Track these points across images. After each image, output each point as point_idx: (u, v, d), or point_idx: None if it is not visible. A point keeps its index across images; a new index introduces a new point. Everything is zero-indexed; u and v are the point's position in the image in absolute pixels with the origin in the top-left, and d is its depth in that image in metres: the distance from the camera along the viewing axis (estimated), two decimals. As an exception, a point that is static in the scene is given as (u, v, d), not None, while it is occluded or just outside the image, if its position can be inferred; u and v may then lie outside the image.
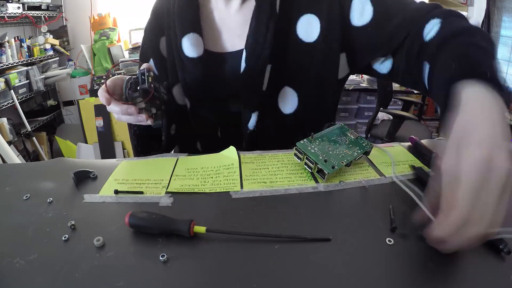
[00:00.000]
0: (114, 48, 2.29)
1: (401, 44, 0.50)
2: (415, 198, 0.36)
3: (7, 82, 1.83)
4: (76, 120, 2.32)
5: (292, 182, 0.40)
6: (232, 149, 0.47)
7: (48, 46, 2.26)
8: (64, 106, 2.39)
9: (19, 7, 1.97)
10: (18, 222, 0.33)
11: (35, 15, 2.15)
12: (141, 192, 0.38)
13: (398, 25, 0.49)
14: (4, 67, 1.89)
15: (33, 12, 2.11)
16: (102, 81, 2.09)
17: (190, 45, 0.54)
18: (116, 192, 0.38)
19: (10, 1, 1.90)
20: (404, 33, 0.49)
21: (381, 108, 1.98)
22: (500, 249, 0.29)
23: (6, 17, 1.94)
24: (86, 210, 0.35)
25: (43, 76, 2.18)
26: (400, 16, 0.49)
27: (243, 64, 0.53)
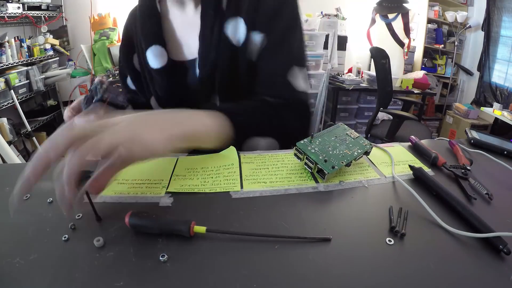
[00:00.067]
0: (114, 48, 2.30)
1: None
2: (416, 198, 0.36)
3: (7, 82, 1.83)
4: (76, 120, 2.32)
5: (292, 182, 0.40)
6: (232, 149, 0.47)
7: (48, 46, 2.27)
8: (64, 106, 2.39)
9: (19, 7, 1.98)
10: (18, 222, 0.33)
11: (35, 15, 2.15)
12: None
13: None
14: (4, 67, 1.89)
15: (33, 12, 2.12)
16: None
17: (153, 57, 0.56)
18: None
19: (10, 1, 1.91)
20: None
21: (381, 108, 1.98)
22: (500, 249, 0.29)
23: (6, 17, 1.94)
24: (86, 210, 0.35)
25: (43, 76, 2.18)
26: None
27: (197, 71, 0.55)
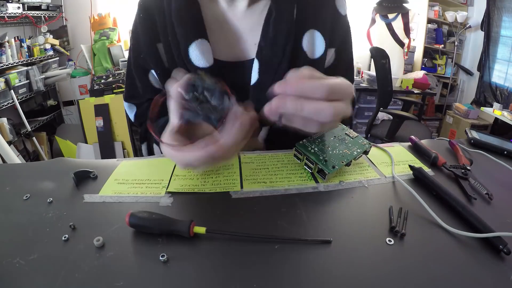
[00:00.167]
0: (114, 48, 2.30)
1: None
2: (416, 198, 0.36)
3: (7, 82, 1.83)
4: (76, 120, 2.32)
5: (292, 182, 0.40)
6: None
7: (48, 46, 2.27)
8: (64, 106, 2.39)
9: (19, 7, 1.98)
10: (18, 222, 0.33)
11: (35, 15, 2.15)
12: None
13: None
14: (4, 67, 1.89)
15: (33, 12, 2.11)
16: (102, 81, 2.09)
17: (199, 54, 0.48)
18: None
19: (10, 1, 1.91)
20: None
21: (381, 108, 1.98)
22: (500, 249, 0.29)
23: (6, 17, 1.94)
24: (86, 210, 0.35)
25: (43, 76, 2.18)
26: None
27: (255, 76, 0.48)
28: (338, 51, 0.56)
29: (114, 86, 2.06)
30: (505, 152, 0.51)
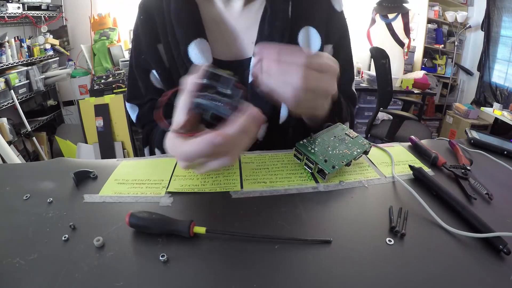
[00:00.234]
0: (114, 48, 2.30)
1: None
2: (416, 198, 0.36)
3: (7, 82, 1.83)
4: (76, 120, 2.32)
5: (292, 182, 0.40)
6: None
7: (48, 46, 2.27)
8: (64, 106, 2.39)
9: (19, 7, 1.98)
10: (18, 222, 0.33)
11: (35, 15, 2.15)
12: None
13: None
14: (4, 67, 1.89)
15: (33, 12, 2.11)
16: (102, 81, 2.09)
17: (199, 52, 0.48)
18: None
19: (10, 1, 1.90)
20: None
21: (381, 108, 1.98)
22: (500, 249, 0.29)
23: (6, 17, 1.94)
24: (86, 210, 0.35)
25: (43, 76, 2.18)
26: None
27: (249, 73, 0.49)
28: (336, 47, 0.56)
29: (114, 86, 2.06)
30: (505, 152, 0.51)
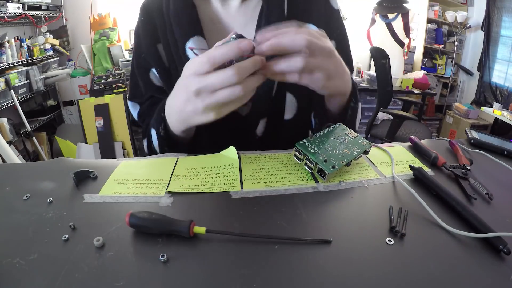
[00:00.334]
0: (114, 48, 2.30)
1: None
2: (416, 198, 0.36)
3: (7, 82, 1.83)
4: (76, 120, 2.32)
5: (292, 182, 0.40)
6: (232, 149, 0.47)
7: (48, 46, 2.27)
8: (64, 106, 2.39)
9: (19, 7, 1.98)
10: (18, 222, 0.33)
11: (35, 15, 2.15)
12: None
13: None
14: (4, 67, 1.89)
15: (33, 12, 2.12)
16: (102, 81, 2.10)
17: (196, 50, 0.49)
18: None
19: (10, 1, 1.91)
20: None
21: (381, 108, 1.98)
22: (500, 249, 0.29)
23: (6, 17, 1.94)
24: (86, 210, 0.35)
25: (43, 76, 2.18)
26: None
27: None
28: (337, 42, 0.57)
29: (114, 86, 2.06)
30: (505, 152, 0.51)
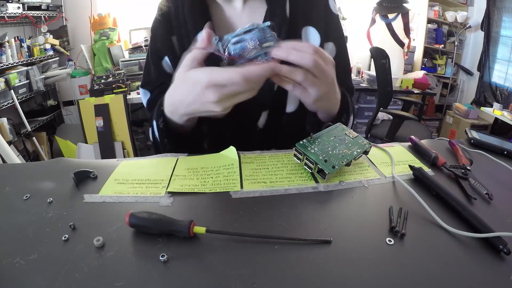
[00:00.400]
0: (114, 48, 2.30)
1: None
2: (416, 198, 0.36)
3: (7, 82, 1.83)
4: (76, 120, 2.32)
5: (292, 182, 0.40)
6: (232, 149, 0.47)
7: (48, 46, 2.26)
8: (64, 106, 2.39)
9: (19, 7, 1.97)
10: (18, 222, 0.33)
11: (35, 15, 2.15)
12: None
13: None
14: (4, 67, 1.89)
15: (33, 12, 2.11)
16: (102, 81, 2.09)
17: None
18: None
19: (10, 1, 1.90)
20: None
21: (381, 108, 1.98)
22: (500, 249, 0.29)
23: (6, 17, 1.94)
24: (86, 210, 0.35)
25: (43, 76, 2.18)
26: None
27: None
28: (336, 45, 0.60)
29: (114, 86, 2.06)
30: (505, 152, 0.51)
